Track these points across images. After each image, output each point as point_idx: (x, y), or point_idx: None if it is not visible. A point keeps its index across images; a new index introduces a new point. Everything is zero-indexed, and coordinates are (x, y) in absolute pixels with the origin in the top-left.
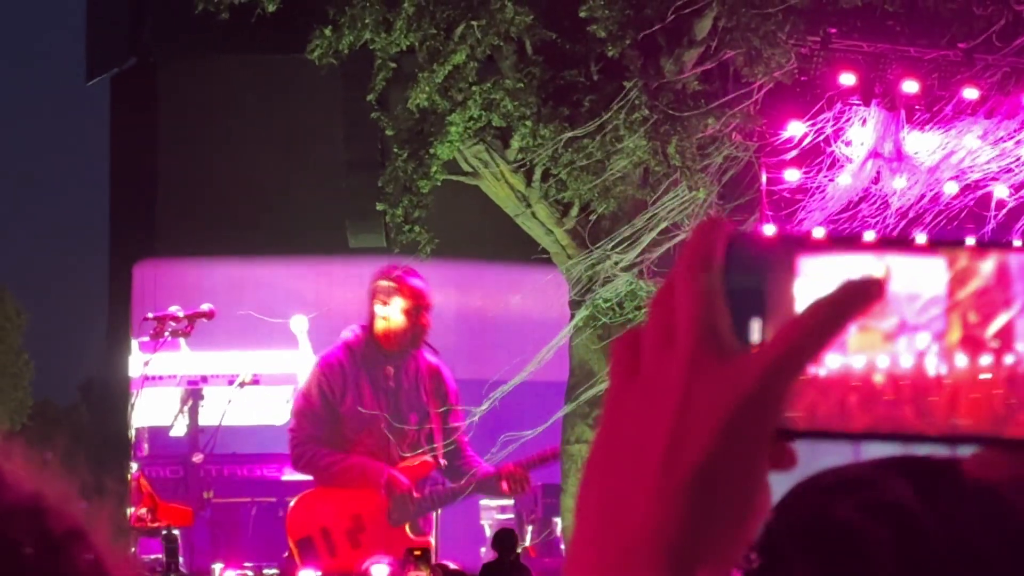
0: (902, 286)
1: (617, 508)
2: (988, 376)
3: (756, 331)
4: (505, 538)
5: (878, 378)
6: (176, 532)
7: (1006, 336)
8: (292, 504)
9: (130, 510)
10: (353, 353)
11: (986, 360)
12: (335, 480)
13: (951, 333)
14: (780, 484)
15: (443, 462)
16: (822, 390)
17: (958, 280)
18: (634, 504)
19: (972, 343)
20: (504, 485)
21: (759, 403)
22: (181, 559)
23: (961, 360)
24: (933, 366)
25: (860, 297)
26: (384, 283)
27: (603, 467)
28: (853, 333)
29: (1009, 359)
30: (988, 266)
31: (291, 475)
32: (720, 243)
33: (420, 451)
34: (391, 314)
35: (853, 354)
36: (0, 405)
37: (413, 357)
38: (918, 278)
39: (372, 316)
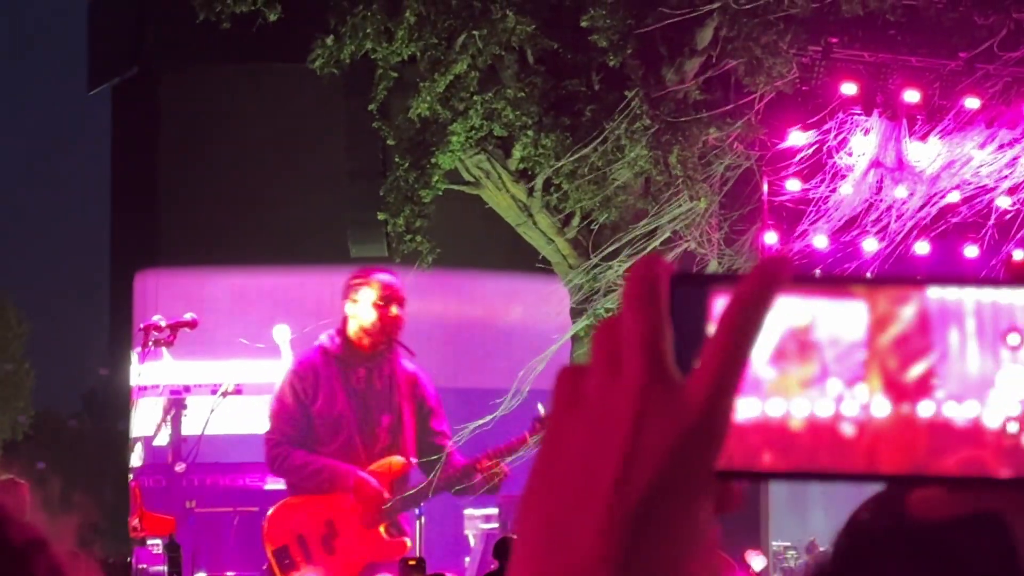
0: (824, 332)
1: (562, 535)
2: (909, 422)
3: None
4: (506, 547)
5: (795, 424)
6: (178, 542)
7: (925, 382)
8: (268, 514)
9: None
10: (328, 355)
11: (906, 407)
12: (306, 483)
13: (871, 379)
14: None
15: (414, 460)
16: (744, 434)
17: (878, 325)
18: (581, 532)
19: (893, 389)
20: (478, 477)
21: (702, 430)
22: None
23: (881, 406)
24: (853, 412)
25: (768, 285)
26: (352, 282)
27: (545, 494)
28: (772, 377)
29: (929, 407)
30: (909, 311)
31: (273, 484)
32: (664, 277)
33: (394, 453)
34: (360, 311)
35: (770, 398)
36: (1, 414)
37: (388, 361)
38: (840, 323)
39: (345, 319)
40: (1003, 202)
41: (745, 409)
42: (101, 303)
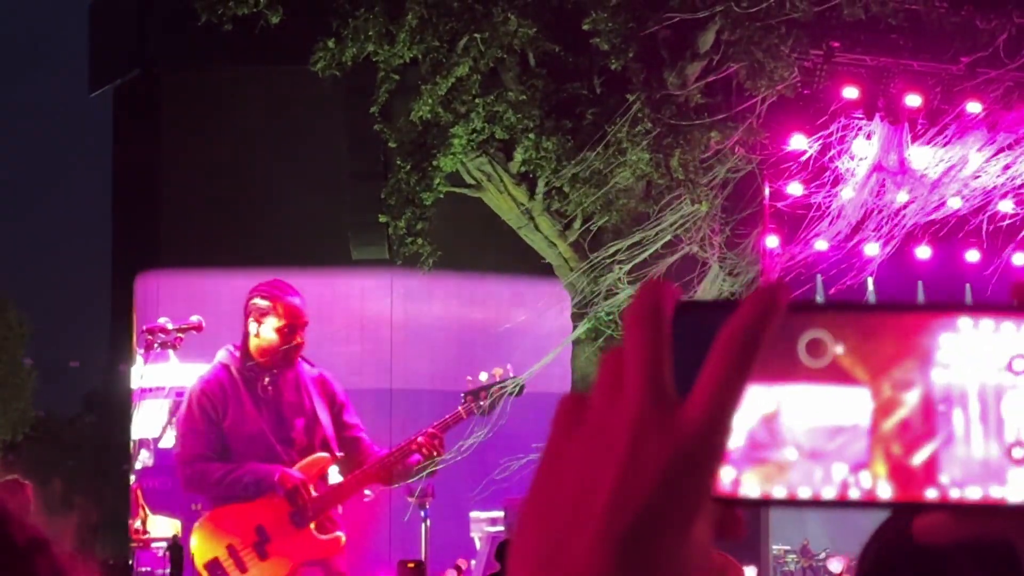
0: (825, 418)
1: (557, 554)
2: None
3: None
4: (508, 550)
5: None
6: (181, 543)
7: (930, 468)
8: (195, 528)
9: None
10: (231, 371)
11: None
12: (231, 491)
13: (875, 464)
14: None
15: (339, 454)
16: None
17: (882, 411)
18: (575, 551)
19: (898, 474)
20: (417, 456)
21: (698, 454)
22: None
23: (885, 492)
24: (857, 496)
25: (766, 312)
26: (259, 301)
27: (542, 514)
28: (763, 467)
29: (932, 492)
30: (913, 396)
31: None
32: (668, 302)
33: (316, 455)
34: (264, 332)
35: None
36: (2, 416)
37: (290, 367)
38: (841, 409)
39: (246, 335)
40: (1005, 206)
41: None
42: (103, 305)
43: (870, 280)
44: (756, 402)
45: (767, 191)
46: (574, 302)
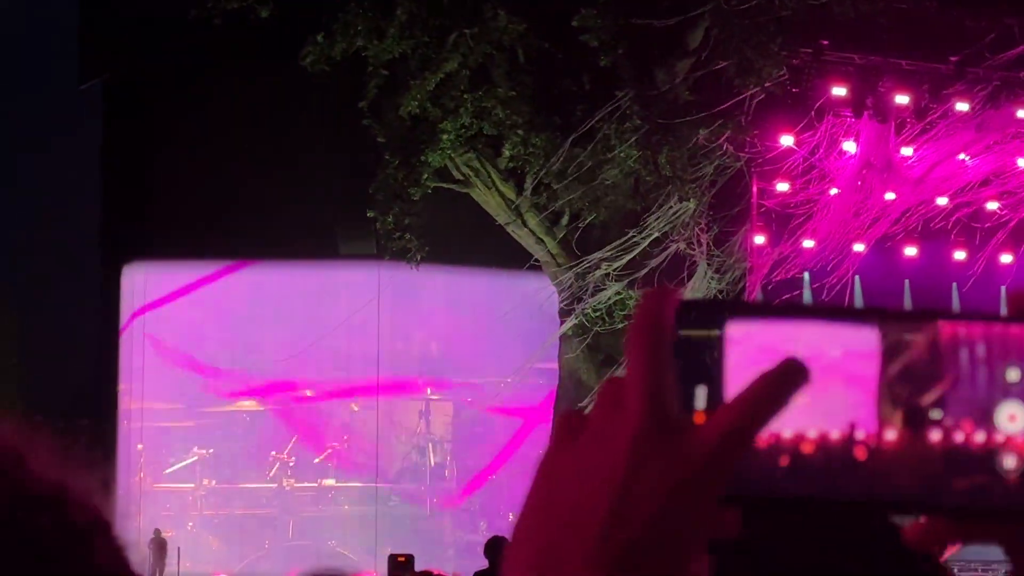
0: (836, 351)
1: (551, 567)
2: (922, 447)
3: (701, 398)
4: (496, 546)
5: (808, 447)
6: (165, 537)
7: (939, 408)
8: None
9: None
10: None
11: (919, 432)
12: None
13: (883, 405)
14: None
15: None
16: (754, 457)
17: (891, 352)
18: (570, 565)
19: (905, 415)
20: None
21: (703, 480)
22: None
23: (893, 432)
24: (864, 437)
25: (795, 379)
26: None
27: (537, 526)
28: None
29: (938, 433)
30: (920, 339)
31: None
32: (669, 312)
33: None
34: None
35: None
36: None
37: None
38: (851, 346)
39: None
40: (992, 205)
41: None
42: (91, 296)
43: (857, 279)
44: None
45: (755, 189)
46: (561, 298)
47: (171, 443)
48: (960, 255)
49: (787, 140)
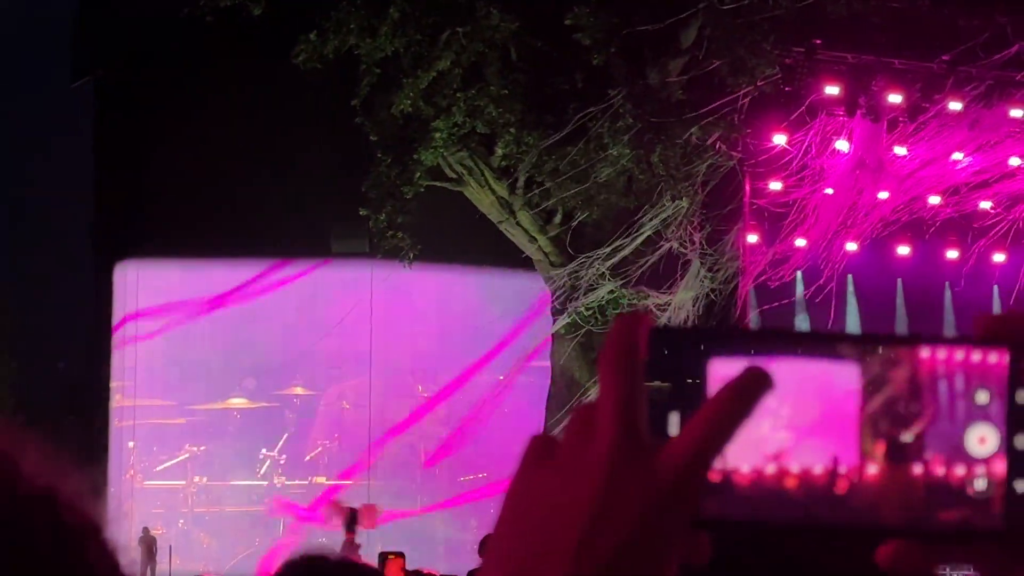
0: (815, 388)
1: None
2: (897, 474)
3: (675, 424)
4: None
5: (790, 481)
6: (155, 535)
7: (913, 434)
8: None
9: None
10: None
11: (895, 460)
12: None
13: (864, 440)
14: None
15: None
16: (735, 484)
17: (872, 386)
18: None
19: (881, 443)
20: None
21: (673, 502)
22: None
23: (870, 460)
24: (841, 465)
25: (758, 387)
26: None
27: (510, 550)
28: (765, 434)
29: (912, 459)
30: (901, 373)
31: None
32: (642, 337)
33: None
34: None
35: (763, 453)
36: None
37: None
38: (831, 382)
39: None
40: (984, 204)
41: (735, 458)
42: (83, 294)
43: (850, 277)
44: None
45: (748, 187)
46: (554, 297)
47: (162, 441)
48: (952, 254)
49: (780, 139)
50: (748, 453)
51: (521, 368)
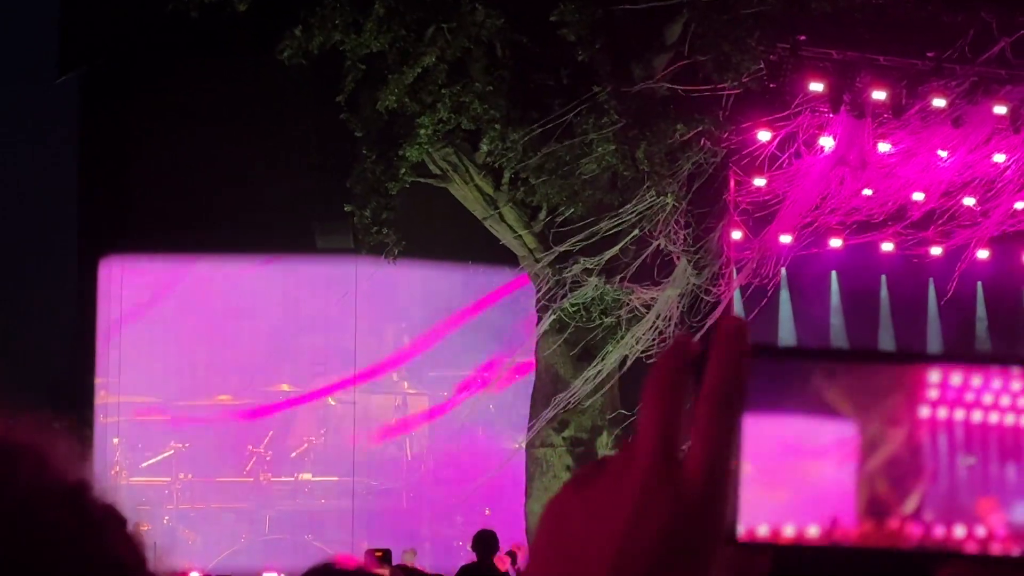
0: (814, 450)
1: None
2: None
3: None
4: (485, 540)
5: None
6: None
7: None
8: None
9: None
10: None
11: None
12: None
13: (860, 498)
14: None
15: None
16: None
17: (869, 445)
18: None
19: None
20: None
21: (699, 511)
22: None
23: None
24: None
25: (735, 354)
26: None
27: (549, 564)
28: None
29: (916, 528)
30: (898, 434)
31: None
32: (687, 367)
33: None
34: None
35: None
36: None
37: None
38: (829, 440)
39: None
40: (968, 200)
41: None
42: (68, 290)
43: (834, 274)
44: None
45: (732, 184)
46: (539, 293)
47: (147, 437)
48: (936, 251)
49: (764, 135)
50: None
51: (505, 364)
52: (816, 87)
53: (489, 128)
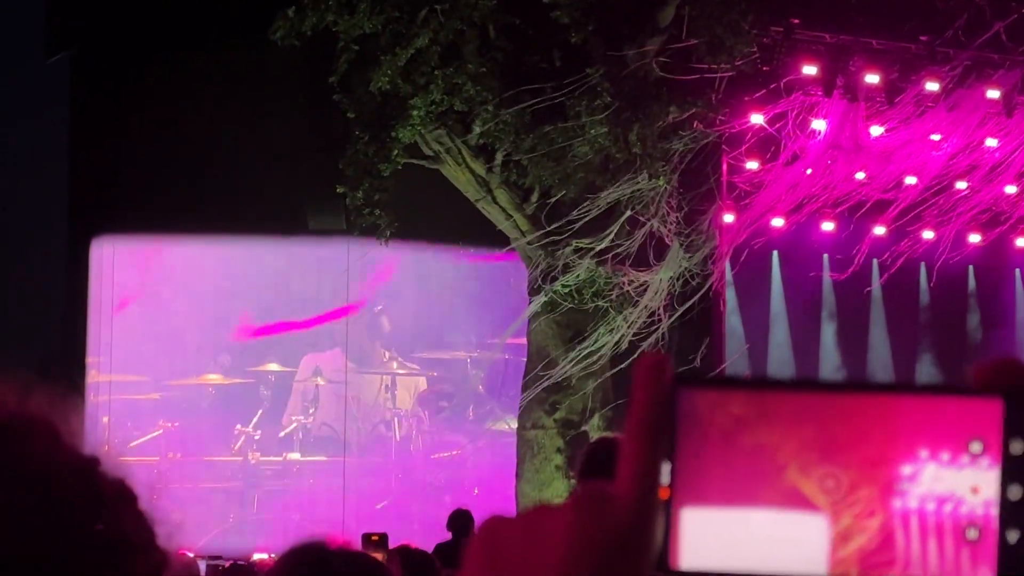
0: (785, 542)
1: None
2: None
3: (666, 474)
4: (460, 519)
5: None
6: None
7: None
8: None
9: None
10: None
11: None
12: None
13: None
14: None
15: None
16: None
17: (841, 539)
18: None
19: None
20: None
21: (627, 537)
22: None
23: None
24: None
25: (652, 388)
26: None
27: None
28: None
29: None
30: (873, 524)
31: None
32: (665, 384)
33: None
34: None
35: None
36: None
37: None
38: (798, 537)
39: None
40: (960, 184)
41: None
42: (58, 270)
43: (825, 256)
44: None
45: (724, 167)
46: (531, 275)
47: (136, 416)
48: (928, 235)
49: (757, 118)
50: None
51: (496, 345)
52: (809, 70)
53: (482, 110)
